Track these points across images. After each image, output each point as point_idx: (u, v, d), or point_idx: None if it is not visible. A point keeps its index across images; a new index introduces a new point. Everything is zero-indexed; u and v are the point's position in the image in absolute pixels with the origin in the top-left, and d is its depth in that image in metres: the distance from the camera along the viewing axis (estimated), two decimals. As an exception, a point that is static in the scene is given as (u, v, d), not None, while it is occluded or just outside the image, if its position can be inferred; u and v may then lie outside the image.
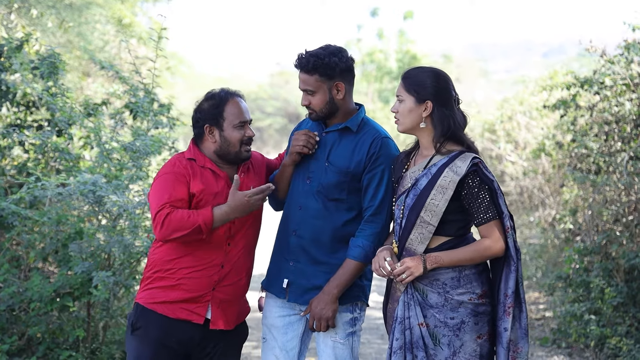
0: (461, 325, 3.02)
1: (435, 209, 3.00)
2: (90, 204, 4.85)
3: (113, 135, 5.45)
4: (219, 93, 3.32)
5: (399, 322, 3.07)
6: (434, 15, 73.01)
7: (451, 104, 3.07)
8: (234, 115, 3.26)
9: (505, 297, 3.02)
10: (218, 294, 3.27)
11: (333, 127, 3.34)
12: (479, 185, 2.99)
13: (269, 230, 4.04)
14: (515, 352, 3.03)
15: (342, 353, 3.31)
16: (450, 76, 3.14)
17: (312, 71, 3.25)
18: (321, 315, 3.24)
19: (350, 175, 3.28)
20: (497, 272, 3.06)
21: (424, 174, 3.07)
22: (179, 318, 3.23)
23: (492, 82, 29.26)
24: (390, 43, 25.14)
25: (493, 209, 3.00)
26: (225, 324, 3.30)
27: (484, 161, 3.07)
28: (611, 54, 6.66)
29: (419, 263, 2.98)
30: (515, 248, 3.03)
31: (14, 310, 4.97)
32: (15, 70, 5.81)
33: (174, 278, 3.23)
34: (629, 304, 5.93)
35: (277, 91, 30.04)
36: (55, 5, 8.21)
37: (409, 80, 3.10)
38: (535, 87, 10.39)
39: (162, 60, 5.66)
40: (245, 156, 3.31)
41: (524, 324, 3.04)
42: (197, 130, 3.32)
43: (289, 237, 3.36)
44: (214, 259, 3.25)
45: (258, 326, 6.88)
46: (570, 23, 66.36)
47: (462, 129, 3.09)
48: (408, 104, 3.09)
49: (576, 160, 7.36)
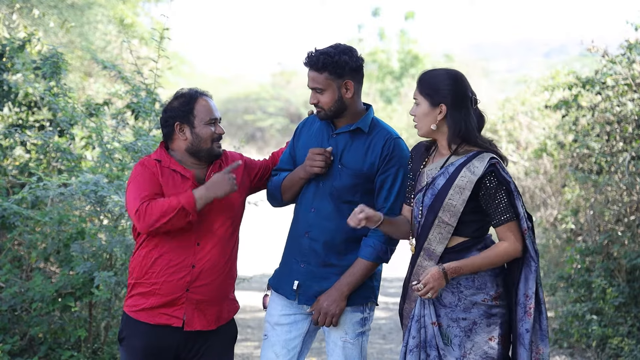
0: (473, 326, 3.01)
1: (453, 209, 2.99)
2: (92, 204, 4.86)
3: (115, 136, 5.45)
4: (188, 92, 3.33)
5: (416, 321, 3.07)
6: (435, 15, 72.97)
7: (466, 106, 3.04)
8: (204, 112, 3.27)
9: (526, 298, 3.00)
10: (193, 295, 3.26)
11: (344, 129, 3.32)
12: (497, 186, 2.98)
13: (275, 230, 4.05)
14: (538, 353, 3.02)
15: (351, 353, 3.31)
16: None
17: (321, 69, 3.23)
18: (328, 310, 3.24)
19: (364, 177, 3.27)
20: (516, 273, 3.04)
21: (441, 172, 3.06)
22: (159, 324, 3.24)
23: (494, 82, 29.24)
24: (392, 43, 25.15)
25: (510, 210, 2.99)
26: (204, 324, 3.29)
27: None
28: (613, 54, 6.65)
29: (440, 277, 2.96)
30: (534, 249, 3.02)
31: (16, 310, 4.97)
32: (17, 70, 5.82)
33: (149, 283, 3.25)
34: (631, 304, 5.93)
35: (278, 91, 30.01)
36: (57, 5, 8.22)
37: (423, 84, 3.08)
38: (537, 87, 10.39)
39: (163, 60, 5.66)
40: (217, 152, 3.31)
41: (544, 326, 3.03)
42: (167, 130, 3.30)
43: (301, 239, 3.35)
44: (184, 260, 3.24)
45: (259, 326, 6.88)
46: (571, 23, 66.32)
47: (476, 131, 3.06)
48: (423, 107, 3.08)
49: (578, 160, 7.36)
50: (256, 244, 9.72)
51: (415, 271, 3.10)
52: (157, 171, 3.25)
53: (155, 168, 3.26)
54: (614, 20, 41.73)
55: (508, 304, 3.07)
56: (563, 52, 36.11)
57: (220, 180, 3.20)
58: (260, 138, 27.50)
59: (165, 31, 5.34)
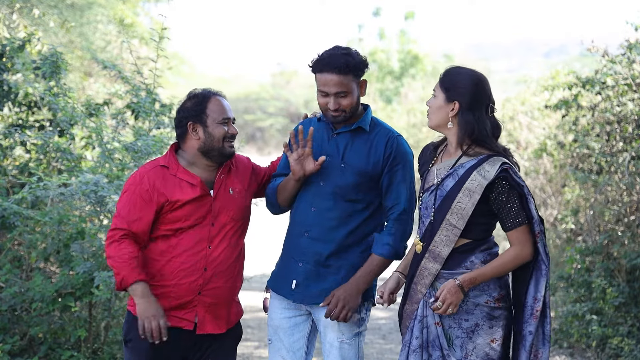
0: (475, 327, 3.01)
1: (462, 212, 2.98)
2: (92, 204, 4.85)
3: (115, 136, 5.45)
4: (201, 92, 3.33)
5: (419, 321, 3.06)
6: (435, 15, 72.94)
7: (480, 110, 3.03)
8: (217, 112, 3.27)
9: (535, 301, 3.00)
10: (205, 298, 3.27)
11: (344, 128, 3.31)
12: (509, 191, 2.97)
13: (275, 231, 4.05)
14: (536, 357, 3.02)
15: (348, 354, 3.30)
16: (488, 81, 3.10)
17: (347, 71, 3.19)
18: (345, 303, 3.21)
19: (368, 176, 3.27)
20: (526, 275, 3.03)
21: (449, 173, 3.05)
22: (169, 326, 3.23)
23: (494, 82, 29.19)
24: (392, 43, 25.14)
25: (522, 214, 2.98)
26: (215, 327, 3.30)
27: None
28: (613, 53, 6.65)
29: (457, 292, 2.95)
30: (545, 252, 3.01)
31: (16, 310, 4.97)
32: (17, 70, 5.82)
33: (160, 286, 3.24)
34: (631, 304, 5.93)
35: (278, 91, 29.99)
36: (57, 5, 8.21)
37: (444, 78, 3.09)
38: (537, 87, 10.38)
39: (163, 60, 5.66)
40: (229, 152, 3.30)
41: (547, 330, 3.02)
42: (180, 130, 3.30)
43: (300, 238, 3.34)
44: (196, 263, 3.24)
45: (259, 326, 6.88)
46: (572, 23, 66.31)
47: (489, 137, 3.04)
48: (439, 100, 3.08)
49: (578, 160, 7.36)
50: (256, 244, 9.72)
51: (419, 273, 3.08)
52: (157, 186, 3.22)
53: (155, 183, 3.23)
54: (614, 20, 41.67)
55: (510, 306, 3.07)
56: (563, 52, 36.10)
57: (153, 315, 3.14)
58: (260, 138, 27.49)
59: (164, 31, 5.34)
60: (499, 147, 3.05)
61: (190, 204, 3.23)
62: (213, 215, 3.27)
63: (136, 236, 3.22)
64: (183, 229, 3.24)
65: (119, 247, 3.17)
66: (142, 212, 3.21)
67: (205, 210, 3.26)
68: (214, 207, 3.28)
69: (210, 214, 3.27)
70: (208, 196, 3.28)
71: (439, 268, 3.03)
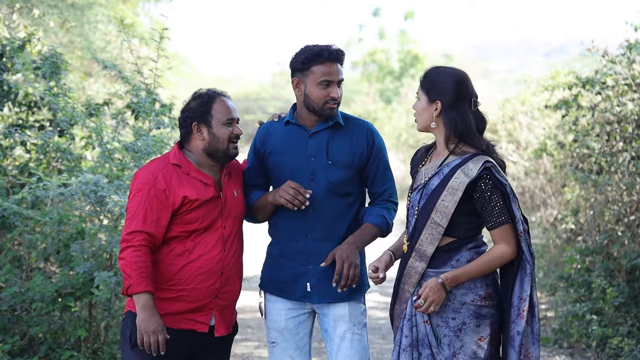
0: (462, 326, 3.01)
1: (445, 210, 3.00)
2: (92, 204, 4.85)
3: (115, 136, 5.45)
4: (206, 92, 3.31)
5: (408, 320, 3.07)
6: (434, 15, 73.00)
7: (463, 106, 3.05)
8: (222, 112, 3.25)
9: (520, 301, 3.00)
10: (220, 301, 3.27)
11: (321, 126, 3.36)
12: (491, 189, 2.99)
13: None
14: (526, 356, 3.03)
15: (359, 345, 3.35)
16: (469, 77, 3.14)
17: (342, 62, 3.36)
18: (352, 261, 3.22)
19: (355, 168, 3.35)
20: (511, 275, 3.04)
21: (436, 172, 3.08)
22: (181, 328, 3.22)
23: (494, 82, 29.24)
24: (392, 43, 25.14)
25: (506, 212, 2.99)
26: (226, 329, 3.33)
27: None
28: (613, 54, 6.65)
29: (439, 289, 2.96)
30: (529, 252, 3.02)
31: (16, 310, 4.98)
32: (17, 70, 5.82)
33: (176, 290, 3.21)
34: (631, 304, 5.93)
35: (278, 91, 30.00)
36: (58, 5, 8.21)
37: (424, 80, 3.13)
38: (537, 87, 10.38)
39: (163, 60, 5.66)
40: (234, 153, 3.30)
41: (536, 329, 3.03)
42: (185, 130, 3.28)
43: (302, 241, 3.35)
44: (213, 266, 3.23)
45: (259, 326, 6.88)
46: (572, 23, 66.34)
47: (474, 132, 3.06)
48: (422, 102, 3.12)
49: (578, 160, 7.36)
50: (256, 244, 9.70)
51: (407, 272, 3.10)
52: (171, 185, 3.18)
53: (169, 181, 3.19)
54: (614, 20, 41.66)
55: (498, 305, 3.07)
56: (563, 52, 36.13)
57: (153, 330, 3.09)
58: (260, 138, 27.34)
59: (164, 31, 5.35)
60: (482, 144, 3.06)
61: (206, 204, 3.21)
62: (224, 217, 3.26)
63: (153, 239, 3.16)
64: (199, 231, 3.22)
65: (136, 254, 3.11)
66: (160, 214, 3.16)
67: (217, 212, 3.25)
68: (225, 209, 3.28)
69: (222, 216, 3.26)
70: (219, 197, 3.27)
71: (425, 267, 3.05)
